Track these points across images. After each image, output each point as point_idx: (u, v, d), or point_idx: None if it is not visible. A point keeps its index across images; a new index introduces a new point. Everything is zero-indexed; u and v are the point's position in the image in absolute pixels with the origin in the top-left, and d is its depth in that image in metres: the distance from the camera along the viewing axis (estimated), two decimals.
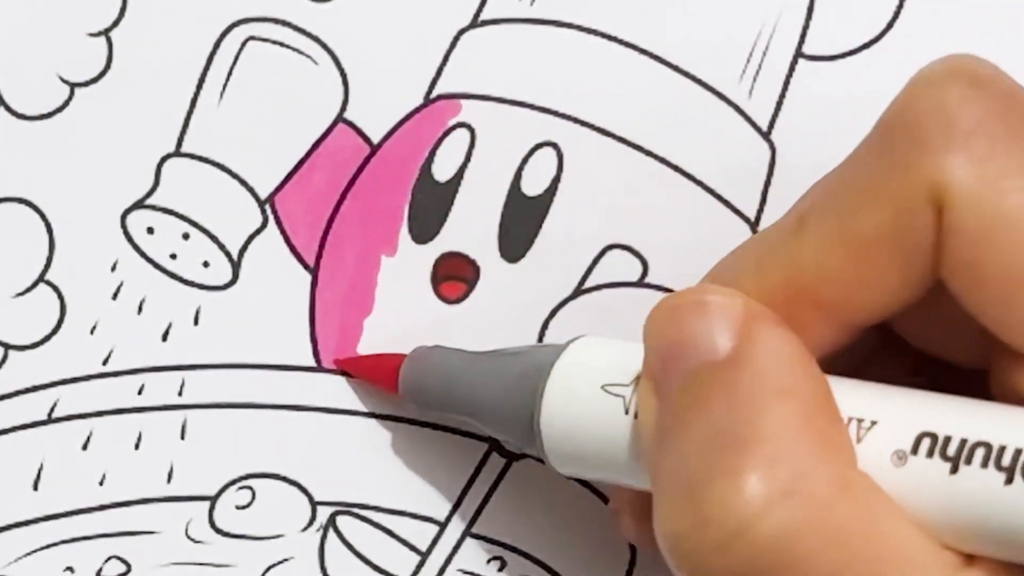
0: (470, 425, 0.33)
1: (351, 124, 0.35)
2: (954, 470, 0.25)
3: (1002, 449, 0.25)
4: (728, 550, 0.25)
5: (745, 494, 0.25)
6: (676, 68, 0.35)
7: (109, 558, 0.35)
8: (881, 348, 0.30)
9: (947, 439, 0.26)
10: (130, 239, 0.34)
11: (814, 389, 0.26)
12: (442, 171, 0.35)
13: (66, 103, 0.34)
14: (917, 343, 0.30)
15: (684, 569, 0.26)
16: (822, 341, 0.28)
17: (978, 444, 0.25)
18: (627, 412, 0.29)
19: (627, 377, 0.29)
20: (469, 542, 0.36)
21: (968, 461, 0.25)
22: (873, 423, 0.26)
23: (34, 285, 0.34)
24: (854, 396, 0.27)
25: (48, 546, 0.35)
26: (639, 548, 0.36)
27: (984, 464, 0.25)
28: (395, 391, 0.34)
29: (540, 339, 0.36)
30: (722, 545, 0.25)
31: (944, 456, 0.25)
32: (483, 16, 0.35)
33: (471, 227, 0.35)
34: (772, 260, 0.29)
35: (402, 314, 0.35)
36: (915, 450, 0.26)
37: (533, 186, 0.35)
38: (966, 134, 0.26)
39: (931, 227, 0.26)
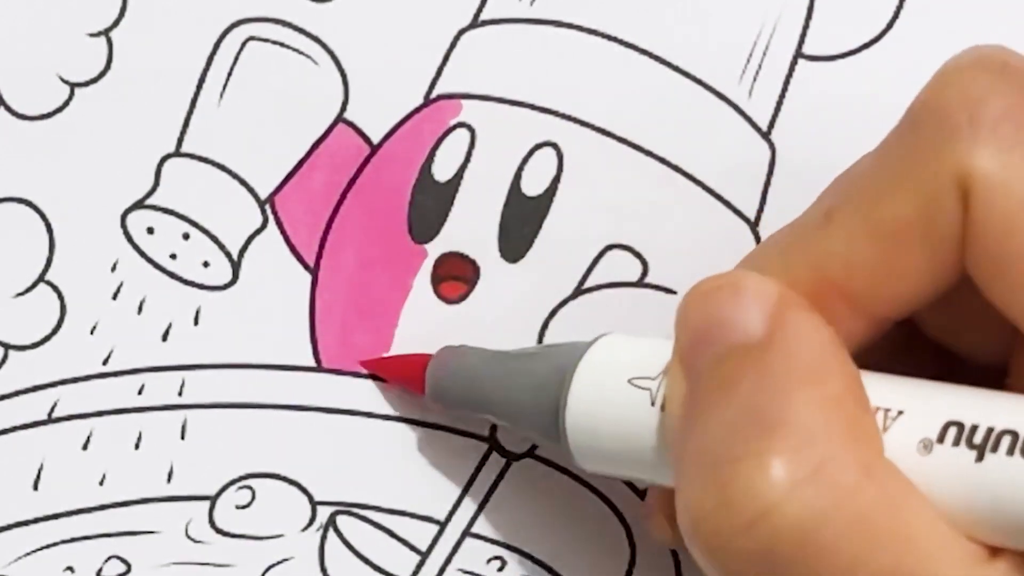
0: (497, 422, 0.34)
1: (351, 124, 0.35)
2: (980, 458, 0.25)
3: None
4: (750, 532, 0.25)
5: (770, 477, 0.25)
6: (676, 68, 0.35)
7: (109, 558, 0.35)
8: (904, 345, 0.30)
9: (973, 428, 0.26)
10: (130, 239, 0.34)
11: (844, 376, 0.26)
12: (442, 171, 0.35)
13: (66, 103, 0.34)
14: (940, 338, 0.30)
15: (705, 551, 0.26)
16: (849, 335, 0.28)
17: (1004, 432, 0.25)
18: (654, 404, 0.29)
19: (654, 371, 0.29)
20: (469, 542, 0.36)
21: (994, 449, 0.25)
22: (900, 412, 0.26)
23: (34, 285, 0.34)
24: (881, 386, 0.27)
25: (48, 546, 0.35)
26: (675, 549, 0.35)
27: (1010, 452, 0.25)
28: (422, 392, 0.34)
29: (540, 339, 0.36)
30: (745, 527, 0.25)
31: (970, 444, 0.25)
32: (483, 16, 0.35)
33: (471, 227, 0.35)
34: (799, 253, 0.29)
35: (402, 314, 0.35)
36: (941, 439, 0.26)
37: (533, 186, 0.35)
38: (993, 123, 0.26)
39: (957, 216, 0.26)
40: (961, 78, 0.27)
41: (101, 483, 0.35)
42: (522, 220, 0.35)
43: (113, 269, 0.35)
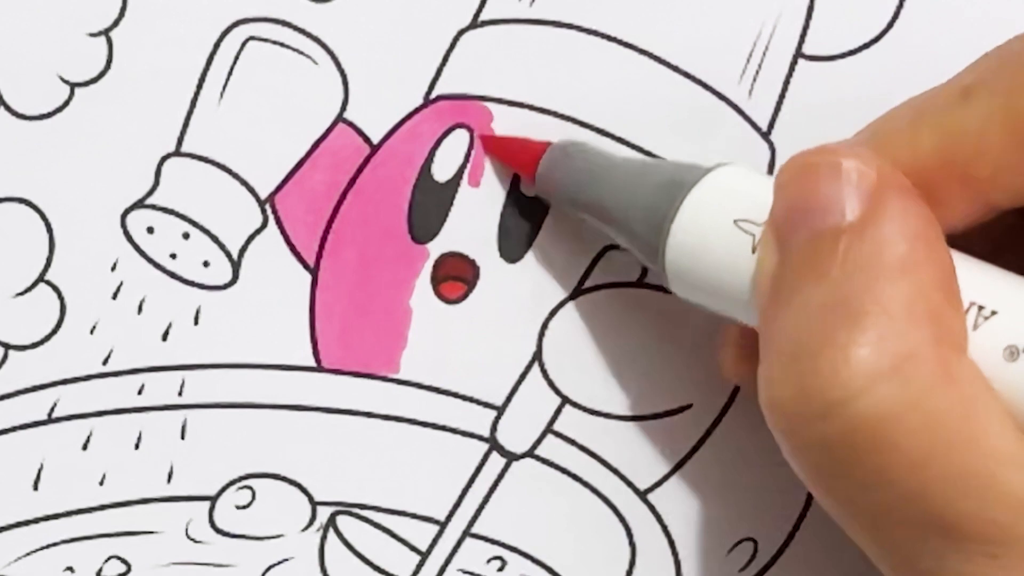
0: (599, 228, 0.33)
1: (351, 124, 0.35)
2: None
3: None
4: (826, 420, 0.26)
5: (851, 367, 0.25)
6: (676, 68, 0.35)
7: (109, 558, 0.35)
8: (1018, 234, 0.30)
9: None
10: (130, 239, 0.34)
11: (936, 268, 0.26)
12: (442, 171, 0.35)
13: (66, 103, 0.34)
14: None
15: (781, 431, 0.27)
16: (962, 217, 0.28)
17: None
18: (753, 251, 0.29)
19: (761, 216, 0.29)
20: (469, 542, 0.36)
21: None
22: (993, 312, 0.26)
23: (34, 285, 0.34)
24: (980, 281, 0.27)
25: (48, 546, 0.35)
26: (740, 384, 0.36)
27: None
28: (531, 179, 0.34)
29: (540, 339, 0.36)
30: (821, 415, 0.26)
31: None
32: (483, 16, 0.35)
33: (471, 227, 0.35)
34: (930, 127, 0.28)
35: (402, 314, 0.35)
36: None
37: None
38: None
39: None
40: None
41: (101, 483, 0.35)
42: (522, 220, 0.35)
43: (113, 269, 0.35)
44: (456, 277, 0.35)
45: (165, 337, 0.35)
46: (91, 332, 0.35)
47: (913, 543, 0.26)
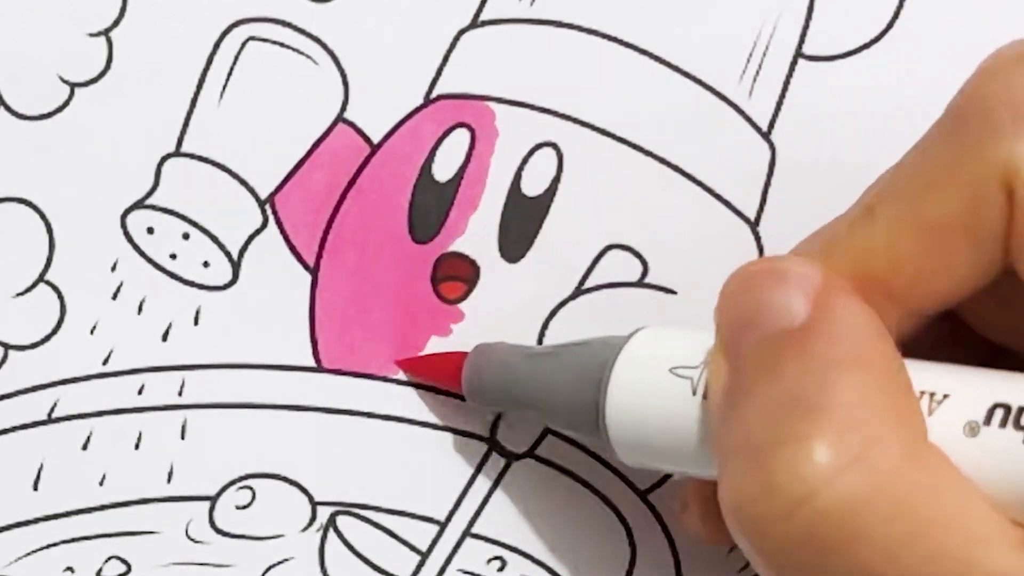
0: (538, 419, 0.33)
1: (351, 124, 0.35)
2: None
3: None
4: (793, 517, 0.25)
5: (813, 460, 0.25)
6: (676, 68, 0.35)
7: (109, 558, 0.35)
8: (947, 338, 0.30)
9: (1020, 409, 0.25)
10: (130, 239, 0.34)
11: (888, 360, 0.26)
12: (442, 171, 0.35)
13: (66, 103, 0.34)
14: (984, 331, 0.30)
15: (747, 536, 0.26)
16: (891, 328, 0.28)
17: None
18: (695, 393, 0.29)
19: (695, 360, 0.29)
20: (469, 542, 0.36)
21: None
22: (945, 396, 0.26)
23: (34, 285, 0.34)
24: (926, 372, 0.27)
25: (48, 546, 0.35)
26: (706, 543, 0.35)
27: None
28: (458, 389, 0.34)
29: (540, 339, 0.36)
30: (787, 512, 0.25)
31: (1018, 426, 0.25)
32: (483, 16, 0.35)
33: (471, 227, 0.35)
34: (840, 249, 0.28)
35: (402, 314, 0.35)
36: (988, 421, 0.26)
37: (533, 186, 0.35)
38: None
39: (1002, 211, 0.26)
40: (1004, 74, 0.27)
41: (101, 483, 0.35)
42: (522, 220, 0.35)
43: (113, 269, 0.35)
44: (456, 277, 0.35)
45: (165, 337, 0.35)
46: (91, 332, 0.35)
47: None
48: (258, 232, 0.35)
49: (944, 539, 0.25)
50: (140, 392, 0.35)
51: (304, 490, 0.36)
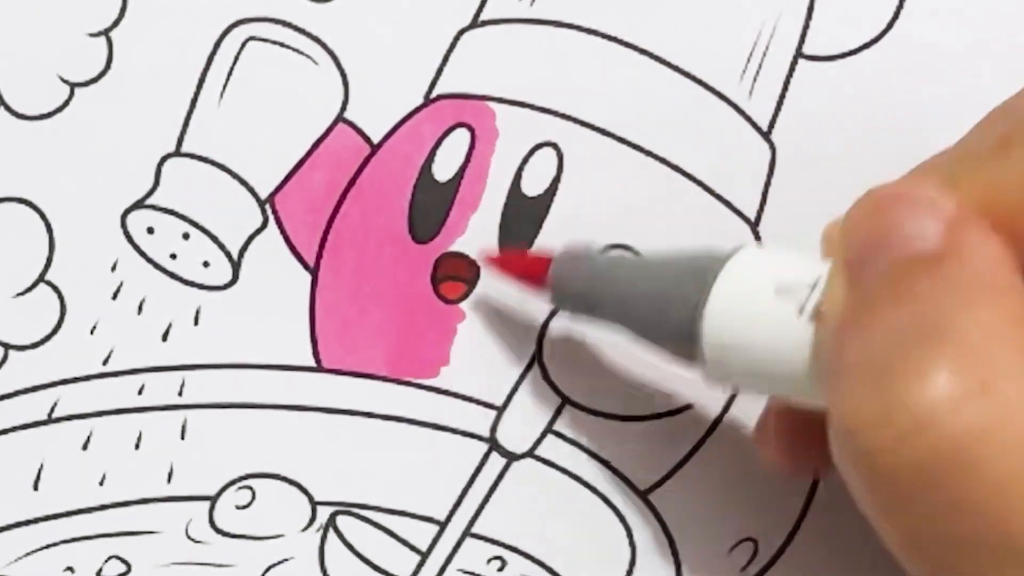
0: (622, 332, 0.32)
1: (351, 124, 0.35)
2: None
3: None
4: (909, 443, 0.25)
5: (937, 387, 0.25)
6: (676, 68, 0.35)
7: (109, 558, 0.35)
8: None
9: None
10: (130, 239, 0.34)
11: (1020, 294, 0.26)
12: (442, 171, 0.35)
13: (66, 103, 0.34)
14: None
15: (854, 461, 0.26)
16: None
17: None
18: (802, 313, 0.28)
19: (803, 280, 0.28)
20: (469, 542, 0.36)
21: None
22: None
23: (34, 285, 0.34)
24: None
25: (48, 546, 0.35)
26: (781, 471, 0.34)
27: None
28: (542, 291, 0.34)
29: (540, 339, 0.36)
30: (903, 437, 0.25)
31: None
32: (483, 16, 0.35)
33: (471, 227, 0.35)
34: (970, 178, 0.28)
35: (402, 314, 0.35)
36: None
37: (533, 186, 0.35)
38: None
39: None
40: None
41: (101, 483, 0.35)
42: (522, 220, 0.35)
43: (113, 269, 0.35)
44: (456, 277, 0.35)
45: (165, 337, 0.35)
46: (91, 332, 0.35)
47: (988, 572, 0.25)
48: (258, 232, 0.35)
49: None
50: (140, 392, 0.35)
51: (304, 490, 0.36)
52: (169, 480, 0.35)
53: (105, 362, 0.35)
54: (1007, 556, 0.25)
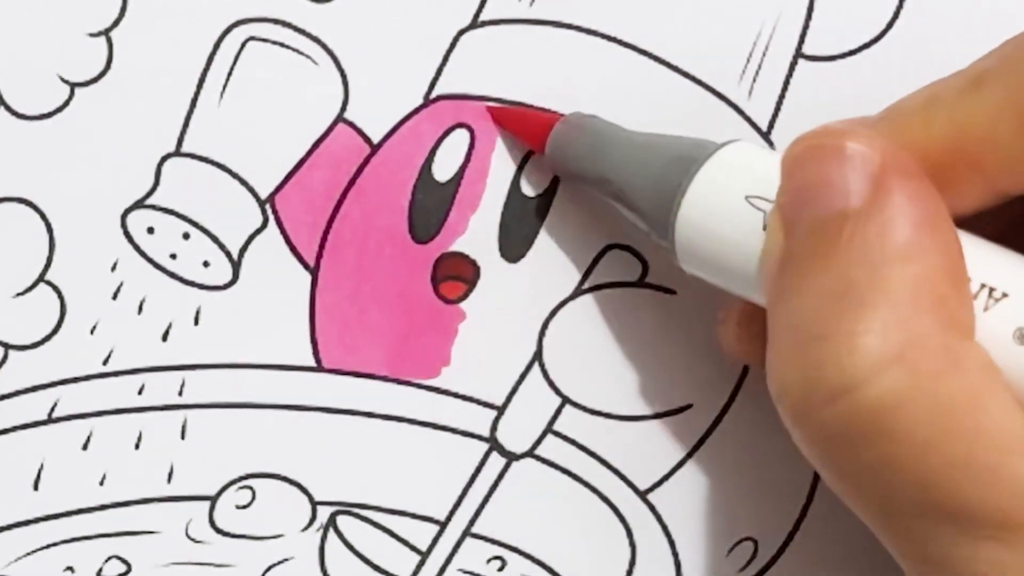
0: (608, 200, 0.33)
1: (351, 124, 0.35)
2: None
3: None
4: (832, 407, 0.26)
5: (857, 355, 0.26)
6: (676, 68, 0.35)
7: (109, 558, 0.35)
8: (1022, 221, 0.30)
9: None
10: (130, 239, 0.34)
11: (942, 253, 0.26)
12: (442, 171, 0.35)
13: (66, 103, 0.34)
14: None
15: (790, 418, 0.27)
16: (971, 202, 0.28)
17: None
18: (764, 228, 0.29)
19: (772, 192, 0.29)
20: (469, 542, 0.36)
21: None
22: (1004, 295, 0.26)
23: (34, 285, 0.34)
24: (991, 263, 0.27)
25: (48, 546, 0.35)
26: (743, 361, 0.35)
27: None
28: (541, 151, 0.34)
29: (540, 339, 0.36)
30: (827, 401, 0.26)
31: None
32: (483, 16, 0.35)
33: (471, 227, 0.35)
34: (942, 114, 0.28)
35: (402, 314, 0.35)
36: None
37: (533, 186, 0.35)
38: None
39: None
40: None
41: (101, 483, 0.35)
42: (522, 220, 0.35)
43: (113, 269, 0.35)
44: (456, 277, 0.35)
45: (165, 337, 0.35)
46: (91, 332, 0.35)
47: (922, 529, 0.26)
48: (258, 232, 0.35)
49: (973, 443, 0.25)
50: (140, 392, 0.35)
51: (304, 490, 0.36)
52: (169, 480, 0.35)
53: (105, 362, 0.35)
54: (937, 517, 0.26)
